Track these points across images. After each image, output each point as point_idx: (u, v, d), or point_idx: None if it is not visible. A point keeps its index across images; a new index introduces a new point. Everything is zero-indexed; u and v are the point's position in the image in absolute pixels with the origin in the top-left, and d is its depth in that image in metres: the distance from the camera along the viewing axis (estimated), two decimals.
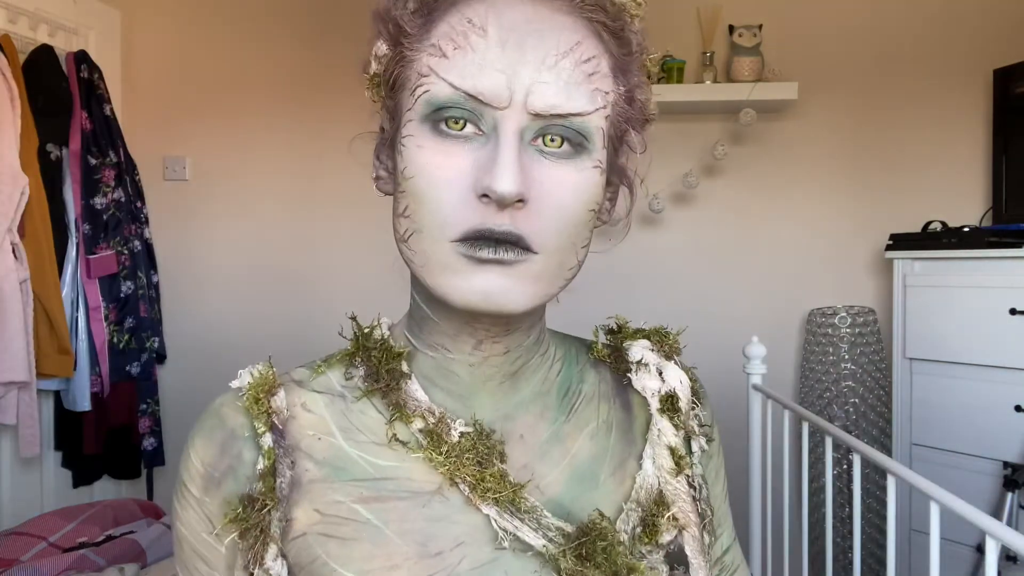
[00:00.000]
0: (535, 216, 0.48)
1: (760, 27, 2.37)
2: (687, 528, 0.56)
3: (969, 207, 2.39)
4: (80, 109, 2.32)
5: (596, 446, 0.58)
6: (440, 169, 0.48)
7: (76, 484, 2.43)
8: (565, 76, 0.48)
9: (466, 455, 0.53)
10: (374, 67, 0.55)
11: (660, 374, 0.62)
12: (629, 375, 0.62)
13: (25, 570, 1.60)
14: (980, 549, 1.94)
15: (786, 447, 1.77)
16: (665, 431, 0.59)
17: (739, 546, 0.69)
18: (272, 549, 0.52)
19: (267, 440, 0.53)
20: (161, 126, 2.73)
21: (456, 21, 0.48)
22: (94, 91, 2.37)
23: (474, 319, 0.52)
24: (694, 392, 0.62)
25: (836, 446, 2.21)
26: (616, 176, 0.57)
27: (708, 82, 2.39)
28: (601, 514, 0.54)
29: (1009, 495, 1.85)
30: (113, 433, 2.44)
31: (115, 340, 2.39)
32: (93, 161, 2.34)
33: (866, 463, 1.99)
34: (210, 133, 2.72)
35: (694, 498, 0.58)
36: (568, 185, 0.49)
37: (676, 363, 0.62)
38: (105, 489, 2.55)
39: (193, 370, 2.75)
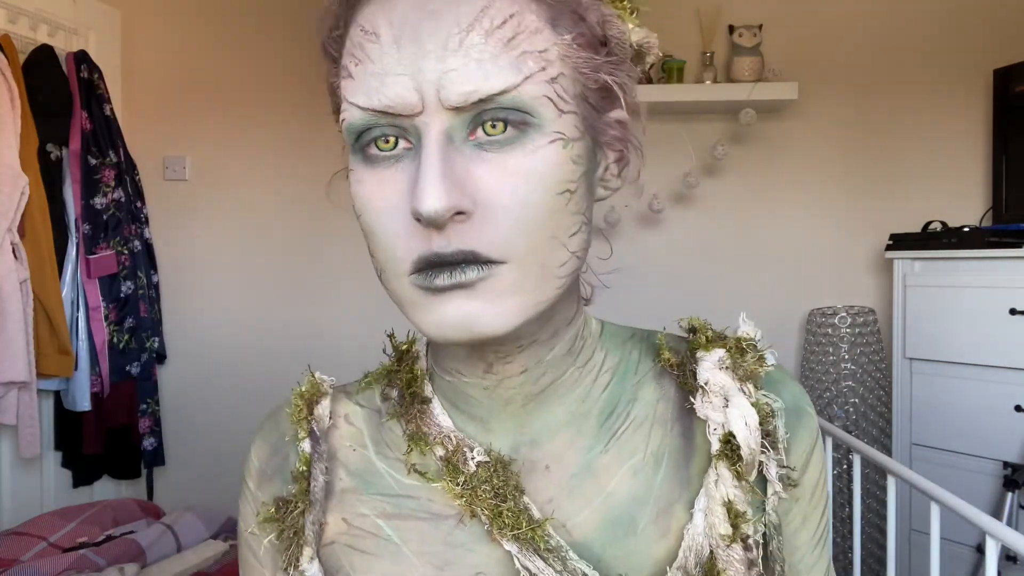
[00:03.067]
0: (486, 223, 0.41)
1: (760, 27, 2.37)
2: None
3: (969, 207, 2.39)
4: (80, 109, 2.32)
5: (638, 484, 0.50)
6: (379, 200, 0.43)
7: (76, 484, 2.43)
8: (476, 53, 0.40)
9: (483, 486, 0.49)
10: (333, 100, 0.50)
11: (727, 404, 0.50)
12: (692, 398, 0.51)
13: (25, 570, 1.60)
14: (980, 549, 1.94)
15: None
16: (724, 479, 0.48)
17: None
18: (307, 552, 0.52)
19: (305, 446, 0.54)
20: (161, 126, 2.73)
21: (355, 34, 0.43)
22: (94, 91, 2.37)
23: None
24: (769, 433, 0.49)
25: (836, 446, 2.21)
26: (612, 135, 0.48)
27: (708, 82, 2.39)
28: None
29: (1009, 495, 1.85)
30: (113, 433, 2.44)
31: (115, 340, 2.39)
32: (93, 161, 2.34)
33: (866, 463, 1.99)
34: (210, 133, 2.72)
35: (750, 562, 0.48)
36: (519, 175, 0.41)
37: (747, 392, 0.50)
38: (105, 489, 2.55)
39: (193, 370, 2.75)
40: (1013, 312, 1.91)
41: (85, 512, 1.93)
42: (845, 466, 2.26)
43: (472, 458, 0.50)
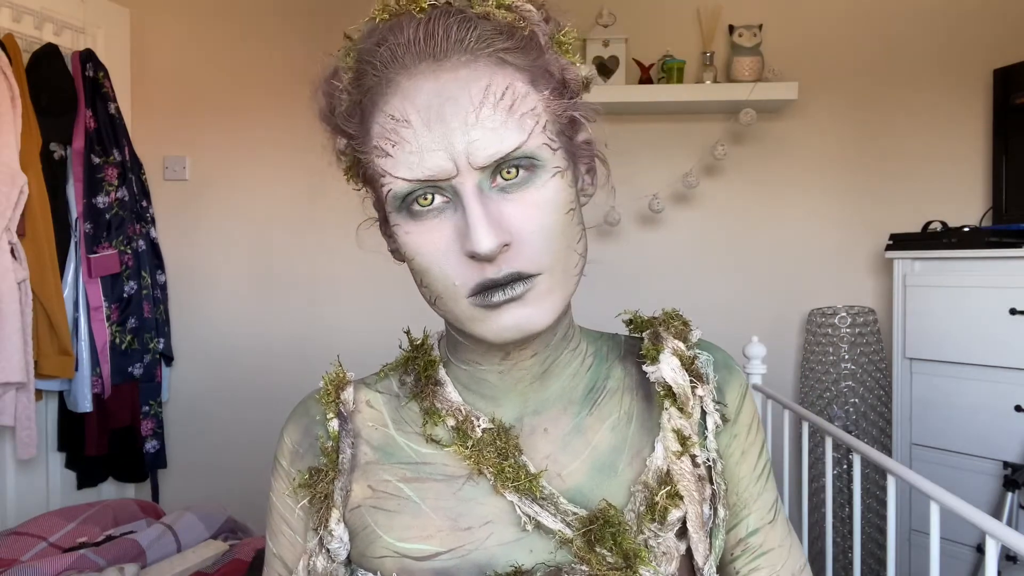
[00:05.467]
0: (523, 248, 0.53)
1: (760, 27, 2.37)
2: (691, 504, 0.60)
3: (969, 207, 2.39)
4: (84, 108, 2.32)
5: (616, 437, 0.63)
6: (430, 245, 0.54)
7: (80, 486, 2.42)
8: (489, 123, 0.52)
9: (488, 448, 0.61)
10: (344, 162, 0.62)
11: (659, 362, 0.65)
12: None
13: (25, 570, 1.60)
14: (980, 549, 1.94)
15: (786, 447, 1.77)
16: (673, 415, 0.62)
17: (782, 530, 0.68)
18: (335, 514, 0.62)
19: (334, 424, 0.65)
20: (162, 126, 2.73)
21: (384, 121, 0.54)
22: (99, 89, 2.36)
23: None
24: (696, 373, 0.64)
25: (836, 446, 2.21)
26: (583, 153, 0.61)
27: (708, 82, 2.39)
28: (608, 503, 0.59)
29: (1009, 495, 1.85)
30: (116, 435, 2.43)
31: (117, 341, 2.38)
32: (96, 160, 2.34)
33: (866, 463, 1.99)
34: (210, 133, 2.72)
35: (699, 476, 0.61)
36: (537, 206, 0.54)
37: (670, 349, 0.65)
38: (110, 493, 2.54)
39: (196, 372, 2.75)
40: (1013, 312, 1.91)
41: (85, 512, 1.93)
42: (845, 466, 2.27)
43: (479, 426, 0.62)
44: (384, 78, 0.54)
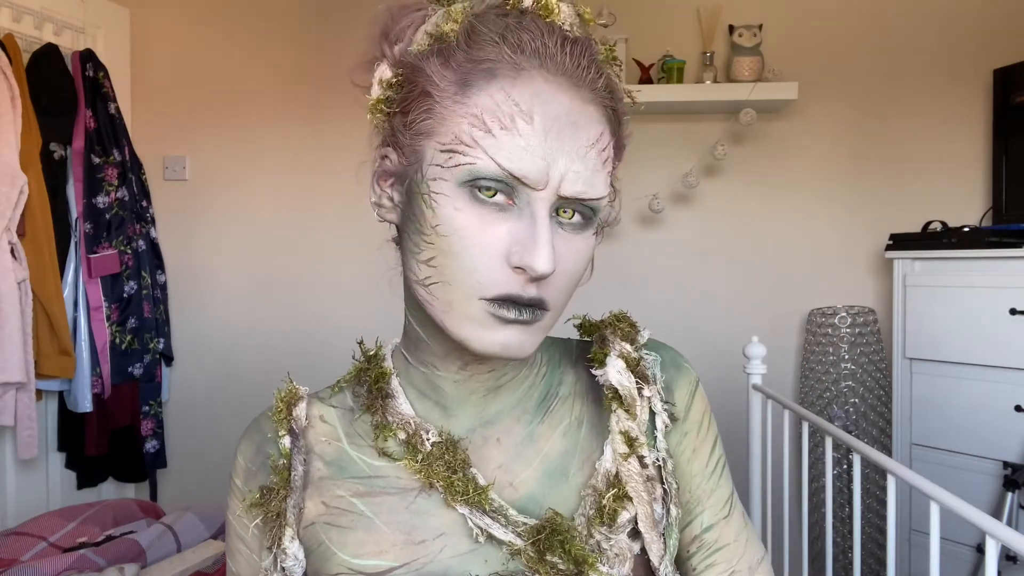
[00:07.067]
0: (554, 282, 0.54)
1: (760, 27, 2.37)
2: (640, 505, 0.60)
3: (969, 207, 2.39)
4: (84, 108, 2.32)
5: (567, 442, 0.64)
6: (478, 235, 0.52)
7: (80, 486, 2.42)
8: (591, 165, 0.54)
9: (437, 462, 0.60)
10: (377, 91, 0.58)
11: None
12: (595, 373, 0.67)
13: (25, 570, 1.60)
14: (980, 549, 1.94)
15: (786, 447, 1.77)
16: (620, 418, 0.63)
17: (738, 525, 0.68)
18: (288, 532, 0.61)
19: (285, 442, 0.64)
20: (162, 126, 2.73)
21: (502, 100, 0.52)
22: (99, 89, 2.37)
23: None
24: (641, 375, 0.64)
25: (836, 446, 2.21)
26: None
27: (708, 82, 2.39)
28: (555, 512, 0.60)
29: (1009, 495, 1.85)
30: (116, 435, 2.43)
31: (117, 341, 2.38)
32: (96, 160, 2.34)
33: (866, 463, 1.99)
34: (210, 133, 2.72)
35: (648, 477, 0.61)
36: (578, 253, 0.56)
37: (616, 352, 0.65)
38: (109, 492, 2.54)
39: (196, 372, 2.75)
40: (1013, 312, 1.91)
41: (85, 512, 1.93)
42: (845, 466, 2.27)
43: (428, 439, 0.61)
44: (515, 62, 0.53)
